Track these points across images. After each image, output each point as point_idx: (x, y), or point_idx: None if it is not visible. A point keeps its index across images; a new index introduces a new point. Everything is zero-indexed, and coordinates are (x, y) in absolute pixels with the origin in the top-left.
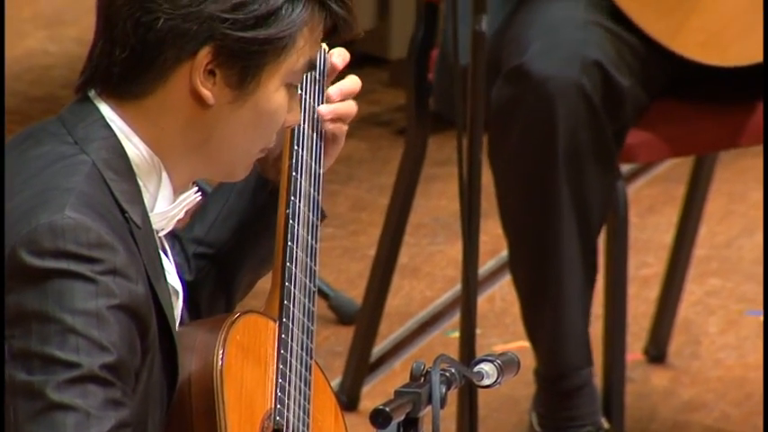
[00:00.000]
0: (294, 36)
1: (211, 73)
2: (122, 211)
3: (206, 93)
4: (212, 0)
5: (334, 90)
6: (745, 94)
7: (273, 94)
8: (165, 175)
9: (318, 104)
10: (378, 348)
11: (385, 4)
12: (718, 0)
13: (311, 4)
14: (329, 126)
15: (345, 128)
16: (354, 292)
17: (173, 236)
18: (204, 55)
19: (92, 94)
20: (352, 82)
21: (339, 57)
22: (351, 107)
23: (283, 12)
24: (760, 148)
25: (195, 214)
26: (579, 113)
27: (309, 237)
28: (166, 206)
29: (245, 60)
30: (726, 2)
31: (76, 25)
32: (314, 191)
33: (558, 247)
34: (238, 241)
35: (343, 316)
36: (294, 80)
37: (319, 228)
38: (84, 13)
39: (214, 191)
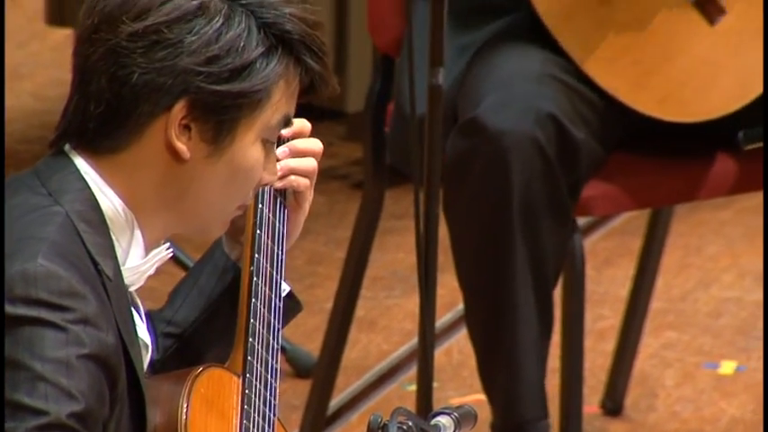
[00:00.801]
0: (269, 90)
1: (187, 127)
2: (94, 263)
3: (181, 147)
4: (187, 53)
5: (282, 148)
6: (702, 147)
7: (249, 149)
8: (138, 231)
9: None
10: (335, 401)
11: (342, 58)
12: (676, 56)
13: (286, 58)
14: (282, 183)
15: (304, 185)
16: (311, 345)
17: (146, 314)
18: (179, 109)
19: (67, 147)
20: (307, 142)
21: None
22: (305, 163)
23: (258, 65)
24: (716, 201)
25: (170, 294)
26: (534, 166)
27: (272, 294)
28: (138, 261)
29: (220, 114)
30: (683, 58)
31: (33, 80)
32: (278, 249)
33: (513, 300)
34: (207, 320)
35: (300, 369)
36: (270, 136)
37: (282, 285)
38: (40, 68)
39: (188, 272)
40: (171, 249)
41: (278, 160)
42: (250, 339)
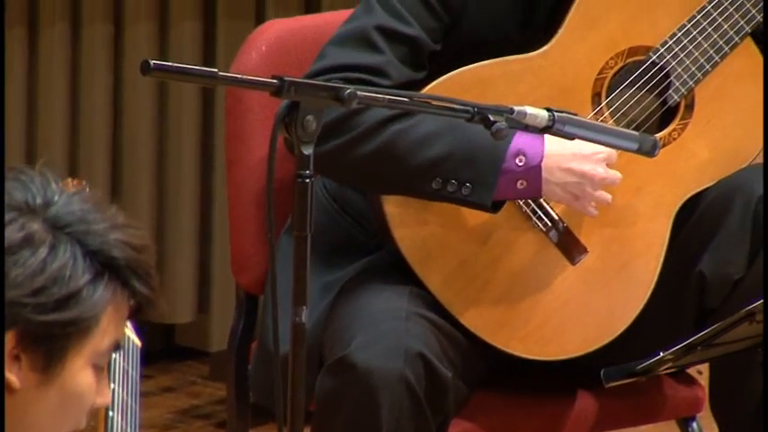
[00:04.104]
0: (98, 317)
1: (17, 358)
2: None
3: (12, 378)
4: (13, 286)
5: None
6: (564, 385)
7: (80, 375)
8: None
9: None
10: None
11: (205, 298)
12: (538, 295)
13: (113, 283)
14: None
15: None
16: None
17: None
18: (8, 340)
19: None
20: None
21: None
22: None
23: (85, 293)
24: None
25: None
26: (403, 405)
27: None
28: None
29: (50, 344)
30: (545, 297)
31: None
32: None
33: None
34: None
35: None
36: (101, 361)
37: None
38: None
39: None
40: None
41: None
42: None
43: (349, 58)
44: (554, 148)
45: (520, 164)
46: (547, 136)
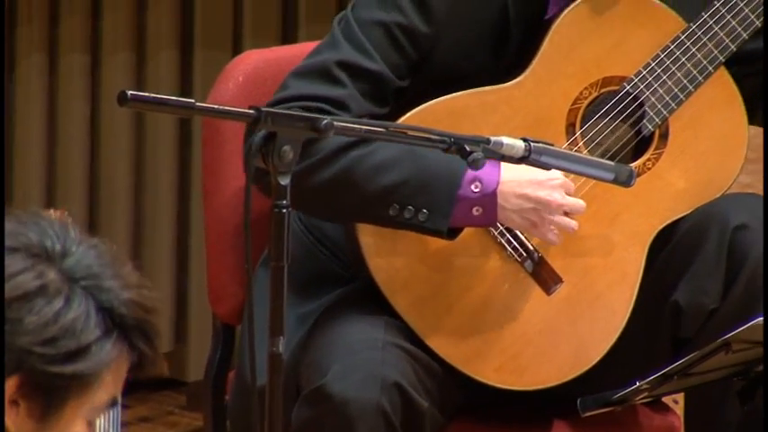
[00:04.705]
0: (101, 373)
1: (15, 403)
2: None
3: (8, 423)
4: (24, 332)
5: None
6: (539, 414)
7: (73, 428)
8: None
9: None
10: None
11: (182, 327)
12: (513, 325)
13: (121, 343)
14: None
15: None
16: None
17: None
18: (10, 385)
19: None
20: None
21: None
22: None
23: (93, 349)
24: None
25: None
26: None
27: None
28: None
29: (50, 394)
30: (520, 327)
31: None
32: None
33: None
34: None
35: None
36: (95, 416)
37: None
38: None
39: None
40: None
41: None
42: None
43: (310, 89)
44: (510, 175)
45: (476, 190)
46: (503, 163)
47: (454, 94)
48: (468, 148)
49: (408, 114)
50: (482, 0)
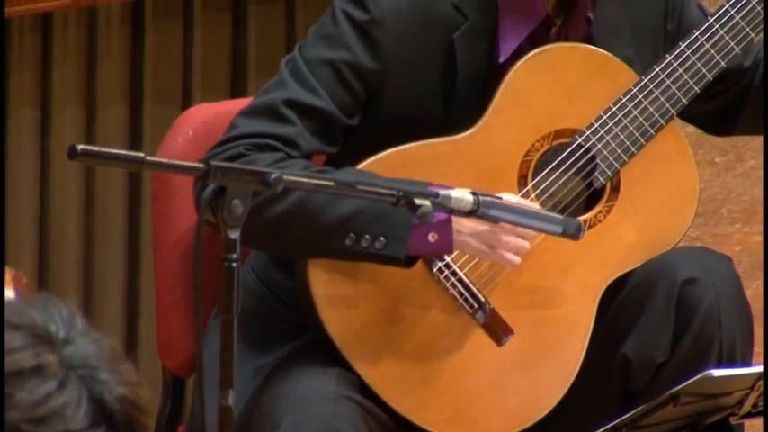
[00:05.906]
0: None
1: None
2: None
3: None
4: (14, 408)
5: None
6: None
7: None
8: None
9: None
10: None
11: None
12: (464, 376)
13: None
14: None
15: None
16: None
17: None
18: None
19: None
20: None
21: None
22: None
23: None
24: None
25: None
26: None
27: None
28: None
29: None
30: (471, 378)
31: None
32: None
33: None
34: None
35: None
36: None
37: None
38: None
39: None
40: None
41: None
42: None
43: (258, 127)
44: None
45: None
46: (458, 189)
47: (407, 145)
48: (417, 203)
49: (362, 165)
50: (429, 41)
